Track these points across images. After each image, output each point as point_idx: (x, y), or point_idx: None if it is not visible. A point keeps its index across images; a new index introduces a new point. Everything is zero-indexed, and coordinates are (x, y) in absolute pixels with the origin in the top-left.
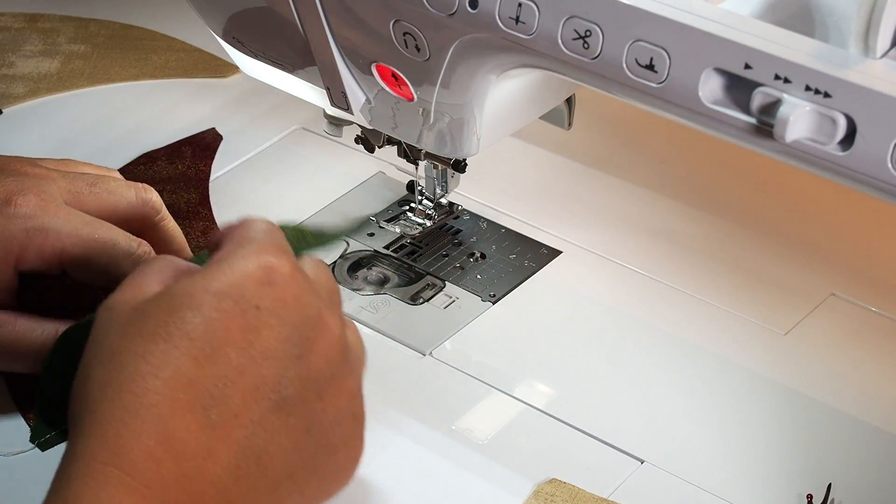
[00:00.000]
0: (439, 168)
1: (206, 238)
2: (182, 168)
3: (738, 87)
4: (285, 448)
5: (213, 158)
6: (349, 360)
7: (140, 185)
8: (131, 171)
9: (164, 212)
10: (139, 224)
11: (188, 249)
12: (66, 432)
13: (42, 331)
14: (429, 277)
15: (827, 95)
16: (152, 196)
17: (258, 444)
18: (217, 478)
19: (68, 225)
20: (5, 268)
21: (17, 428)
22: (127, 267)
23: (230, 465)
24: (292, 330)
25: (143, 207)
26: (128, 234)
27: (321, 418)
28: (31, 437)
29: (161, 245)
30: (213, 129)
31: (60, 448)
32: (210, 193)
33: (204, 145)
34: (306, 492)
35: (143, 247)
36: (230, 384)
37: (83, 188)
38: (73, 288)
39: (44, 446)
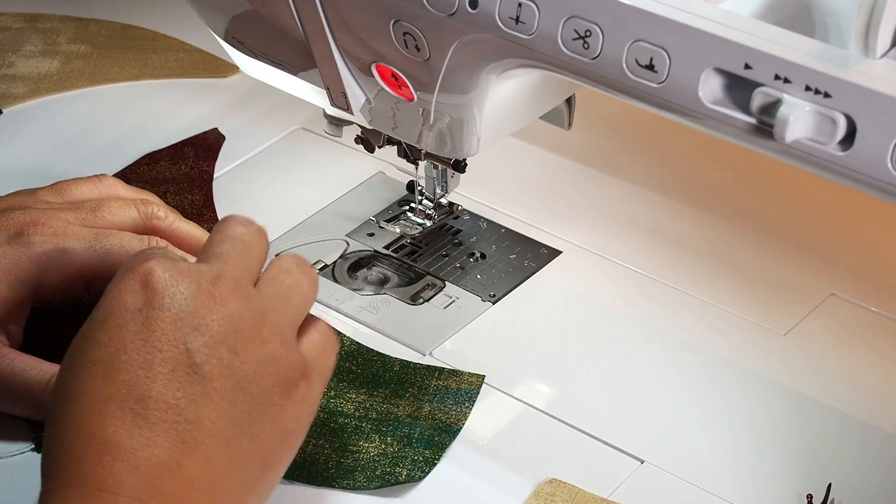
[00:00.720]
0: (439, 168)
1: None
2: (185, 168)
3: (738, 87)
4: (223, 408)
5: (216, 158)
6: (253, 310)
7: (139, 199)
8: (134, 172)
9: (171, 216)
10: (151, 234)
11: None
12: None
13: (39, 371)
14: (429, 277)
15: (827, 95)
16: (153, 209)
17: (192, 416)
18: (168, 458)
19: (81, 241)
20: (25, 291)
21: (15, 429)
22: None
23: (174, 443)
24: (179, 310)
25: (148, 221)
26: (136, 235)
27: (244, 369)
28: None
29: (181, 246)
30: (216, 129)
31: None
32: (213, 193)
33: (206, 145)
34: (262, 443)
35: (152, 241)
36: (144, 379)
37: (88, 216)
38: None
39: (39, 447)
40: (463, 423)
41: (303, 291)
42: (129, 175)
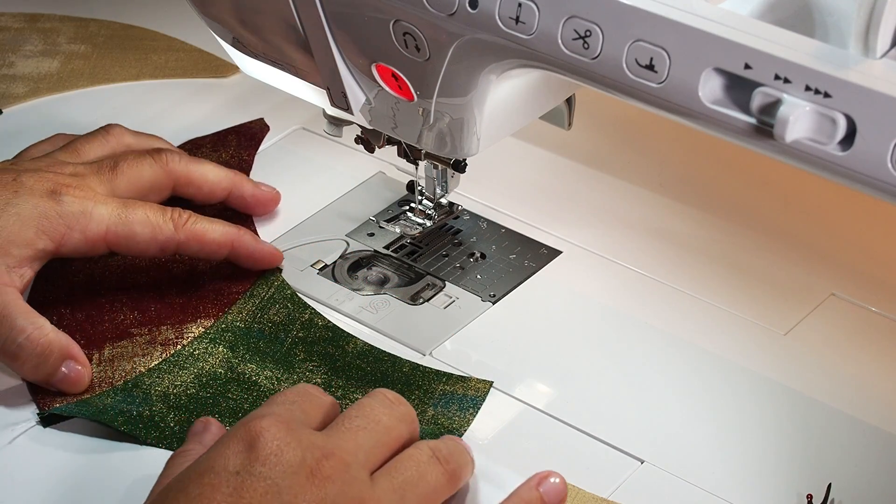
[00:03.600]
0: (439, 168)
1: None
2: (226, 157)
3: (738, 87)
4: None
5: (257, 148)
6: (353, 497)
7: (152, 150)
8: None
9: (184, 160)
10: (170, 178)
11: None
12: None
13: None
14: (429, 277)
15: (827, 95)
16: (166, 156)
17: None
18: None
19: (108, 208)
20: (48, 243)
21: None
22: (168, 230)
23: None
24: (273, 482)
25: (165, 168)
26: (159, 206)
27: None
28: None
29: (199, 187)
30: (262, 119)
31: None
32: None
33: (250, 135)
34: None
35: (175, 212)
36: None
37: (110, 176)
38: None
39: (46, 421)
40: (465, 430)
41: (427, 485)
42: None
